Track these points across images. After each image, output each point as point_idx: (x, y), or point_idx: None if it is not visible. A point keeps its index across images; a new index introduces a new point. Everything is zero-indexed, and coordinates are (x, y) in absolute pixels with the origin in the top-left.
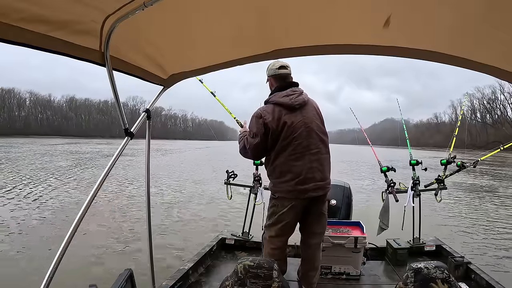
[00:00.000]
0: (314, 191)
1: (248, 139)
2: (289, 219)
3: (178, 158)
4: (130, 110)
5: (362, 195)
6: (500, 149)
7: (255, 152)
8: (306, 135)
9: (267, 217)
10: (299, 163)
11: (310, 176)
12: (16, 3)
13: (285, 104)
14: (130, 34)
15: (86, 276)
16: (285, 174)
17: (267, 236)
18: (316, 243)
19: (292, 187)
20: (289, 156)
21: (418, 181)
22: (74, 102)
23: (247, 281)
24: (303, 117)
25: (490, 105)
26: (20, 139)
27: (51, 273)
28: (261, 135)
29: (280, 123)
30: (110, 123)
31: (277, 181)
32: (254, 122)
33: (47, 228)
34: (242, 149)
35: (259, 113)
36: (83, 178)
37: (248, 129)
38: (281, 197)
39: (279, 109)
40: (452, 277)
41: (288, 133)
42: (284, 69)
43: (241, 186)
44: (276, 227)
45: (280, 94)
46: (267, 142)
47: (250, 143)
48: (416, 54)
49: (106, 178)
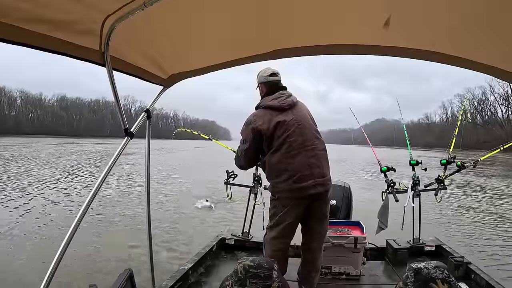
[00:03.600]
0: (314, 188)
1: (240, 146)
2: (290, 219)
3: (190, 155)
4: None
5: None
6: (500, 149)
7: (246, 158)
8: (299, 132)
9: (269, 218)
10: (295, 161)
11: (307, 173)
12: (16, 3)
13: (275, 106)
14: (130, 34)
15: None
16: (282, 174)
17: (268, 237)
18: (318, 245)
19: (290, 186)
20: (283, 155)
21: (418, 181)
22: (65, 101)
23: (247, 281)
24: (294, 116)
25: (480, 106)
26: (12, 138)
27: (51, 273)
28: (250, 140)
29: (271, 124)
30: (101, 122)
31: (274, 181)
32: (244, 129)
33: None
34: (235, 159)
35: (249, 119)
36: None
37: (241, 136)
38: (281, 197)
39: (270, 111)
40: (452, 277)
41: (281, 132)
42: (274, 76)
43: (241, 186)
44: (278, 228)
45: (269, 98)
46: (258, 147)
47: (241, 150)
48: (416, 54)
49: (106, 178)
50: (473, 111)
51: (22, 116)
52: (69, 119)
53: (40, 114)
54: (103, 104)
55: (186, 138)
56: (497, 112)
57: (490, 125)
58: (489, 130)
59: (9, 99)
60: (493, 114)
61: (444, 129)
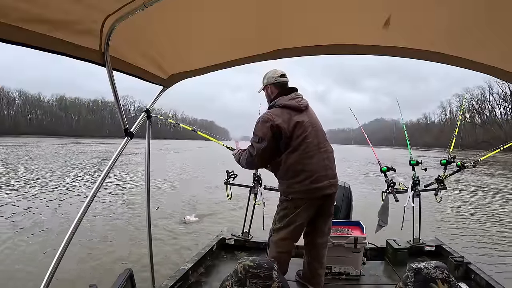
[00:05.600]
0: (329, 188)
1: (253, 145)
2: (302, 220)
3: (200, 154)
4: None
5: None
6: (500, 149)
7: (263, 156)
8: (314, 134)
9: (278, 219)
10: (312, 161)
11: (323, 174)
12: (16, 3)
13: (293, 106)
14: (130, 34)
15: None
16: (299, 174)
17: (275, 239)
18: (324, 242)
19: (307, 187)
20: (302, 155)
21: (418, 181)
22: (64, 101)
23: (247, 281)
24: (309, 118)
25: (479, 106)
26: (10, 138)
27: (51, 273)
28: (269, 138)
29: (291, 124)
30: (100, 122)
31: (291, 182)
32: (260, 126)
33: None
34: (247, 159)
35: (266, 117)
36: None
37: (254, 134)
38: (294, 198)
39: (288, 111)
40: (452, 277)
41: (299, 132)
42: (284, 77)
43: (241, 186)
44: (288, 229)
45: (285, 97)
46: (275, 145)
47: (257, 148)
48: (416, 54)
49: (106, 178)
50: (471, 111)
51: (20, 116)
52: (68, 119)
53: (39, 114)
54: (102, 104)
55: (186, 138)
56: (495, 112)
57: (488, 124)
58: (487, 130)
59: (7, 99)
60: (491, 114)
61: (443, 129)
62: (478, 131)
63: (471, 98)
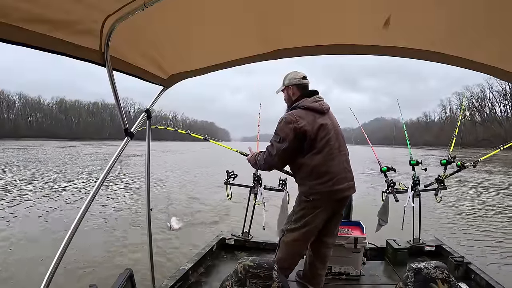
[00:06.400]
0: (348, 190)
1: (274, 145)
2: (318, 221)
3: (206, 155)
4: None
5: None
6: (500, 149)
7: (282, 156)
8: (336, 137)
9: (294, 219)
10: (334, 163)
11: (344, 176)
12: (16, 3)
13: (316, 109)
14: (130, 34)
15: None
16: (323, 175)
17: (288, 239)
18: (331, 243)
19: (329, 188)
20: (325, 157)
21: (418, 181)
22: (64, 103)
23: (247, 281)
24: (331, 121)
25: (479, 104)
26: (11, 141)
27: (51, 273)
28: (290, 139)
29: (315, 126)
30: (100, 125)
31: (314, 183)
32: (283, 127)
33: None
34: (266, 158)
35: (290, 118)
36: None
37: (275, 134)
38: (315, 199)
39: (312, 113)
40: (452, 277)
41: (323, 134)
42: (306, 79)
43: (241, 186)
44: (304, 230)
45: (309, 99)
46: (296, 147)
47: (277, 148)
48: (416, 54)
49: (106, 178)
50: (471, 109)
51: (21, 119)
52: (68, 121)
53: (39, 117)
54: (102, 107)
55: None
56: (495, 109)
57: (488, 122)
58: (488, 128)
59: (7, 102)
60: (491, 112)
61: (443, 127)
62: (478, 129)
63: (471, 96)
